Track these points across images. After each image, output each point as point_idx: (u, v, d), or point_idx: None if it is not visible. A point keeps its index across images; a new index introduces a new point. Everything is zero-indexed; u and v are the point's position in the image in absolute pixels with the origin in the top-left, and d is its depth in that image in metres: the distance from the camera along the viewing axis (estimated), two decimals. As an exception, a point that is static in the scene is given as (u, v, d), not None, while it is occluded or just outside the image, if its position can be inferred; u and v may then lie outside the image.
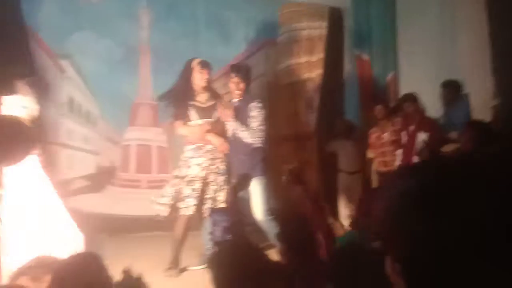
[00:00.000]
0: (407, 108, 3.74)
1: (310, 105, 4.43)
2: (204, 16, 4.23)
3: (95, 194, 3.86)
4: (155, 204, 3.04)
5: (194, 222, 3.12)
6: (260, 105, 3.16)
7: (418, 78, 4.17)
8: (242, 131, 3.08)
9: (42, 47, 3.56)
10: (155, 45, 4.09)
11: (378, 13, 4.52)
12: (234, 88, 3.16)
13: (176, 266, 3.01)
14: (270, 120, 4.13)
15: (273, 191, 3.26)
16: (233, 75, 3.16)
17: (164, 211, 3.02)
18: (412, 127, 3.76)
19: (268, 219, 3.08)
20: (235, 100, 3.21)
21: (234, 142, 3.13)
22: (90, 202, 3.78)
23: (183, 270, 3.05)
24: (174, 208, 3.02)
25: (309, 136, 4.31)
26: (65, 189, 3.82)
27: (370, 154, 4.13)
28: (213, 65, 3.56)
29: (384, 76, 4.44)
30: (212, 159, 3.09)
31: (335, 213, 4.03)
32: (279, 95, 4.42)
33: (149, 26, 4.08)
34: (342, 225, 3.82)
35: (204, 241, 3.20)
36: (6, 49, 1.51)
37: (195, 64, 3.13)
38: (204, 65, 3.14)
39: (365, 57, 4.34)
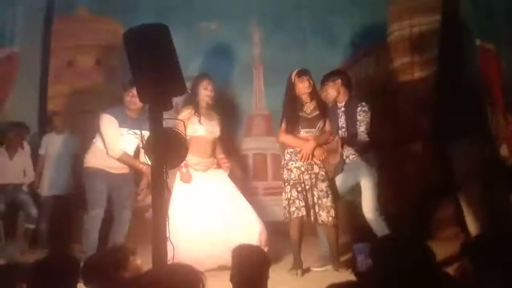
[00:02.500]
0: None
1: (423, 107, 4.22)
2: (309, 25, 4.37)
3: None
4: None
5: (307, 226, 3.21)
6: (365, 108, 3.22)
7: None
8: None
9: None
10: (267, 59, 4.35)
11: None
12: (337, 92, 3.29)
13: (299, 266, 3.13)
14: (380, 123, 4.04)
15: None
16: (336, 79, 3.30)
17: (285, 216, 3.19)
18: None
19: (379, 219, 3.06)
20: (341, 104, 3.31)
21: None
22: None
23: (306, 271, 3.16)
24: (288, 212, 3.16)
25: (421, 139, 4.12)
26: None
27: (503, 151, 3.71)
28: (322, 72, 3.69)
29: (515, 65, 3.95)
30: (310, 164, 3.18)
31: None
32: (390, 97, 4.29)
33: (260, 43, 4.38)
34: None
35: (321, 245, 3.28)
36: (164, 70, 1.86)
37: (293, 75, 3.27)
38: (301, 73, 3.27)
39: (490, 46, 3.93)
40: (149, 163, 1.93)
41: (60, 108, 4.25)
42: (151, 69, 1.85)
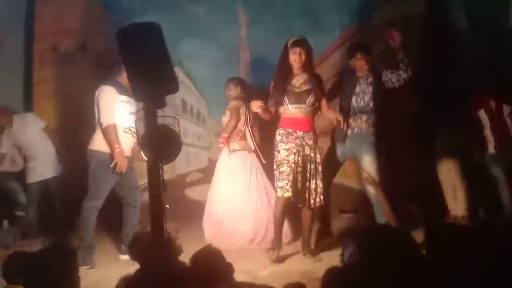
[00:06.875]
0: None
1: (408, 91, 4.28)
2: (297, 8, 4.34)
3: (208, 184, 4.23)
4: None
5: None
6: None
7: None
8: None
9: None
10: (253, 43, 4.35)
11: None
12: (362, 64, 3.31)
13: (278, 246, 3.07)
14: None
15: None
16: (358, 53, 3.30)
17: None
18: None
19: (378, 190, 3.10)
20: (360, 74, 3.35)
21: None
22: (204, 192, 4.08)
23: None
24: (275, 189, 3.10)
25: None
26: (183, 181, 4.39)
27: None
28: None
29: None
30: (302, 145, 3.06)
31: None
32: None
33: (247, 26, 4.36)
34: None
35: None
36: (157, 70, 1.90)
37: (289, 43, 3.08)
38: (295, 44, 3.05)
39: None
40: (145, 159, 1.97)
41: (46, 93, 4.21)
42: (144, 69, 1.88)
